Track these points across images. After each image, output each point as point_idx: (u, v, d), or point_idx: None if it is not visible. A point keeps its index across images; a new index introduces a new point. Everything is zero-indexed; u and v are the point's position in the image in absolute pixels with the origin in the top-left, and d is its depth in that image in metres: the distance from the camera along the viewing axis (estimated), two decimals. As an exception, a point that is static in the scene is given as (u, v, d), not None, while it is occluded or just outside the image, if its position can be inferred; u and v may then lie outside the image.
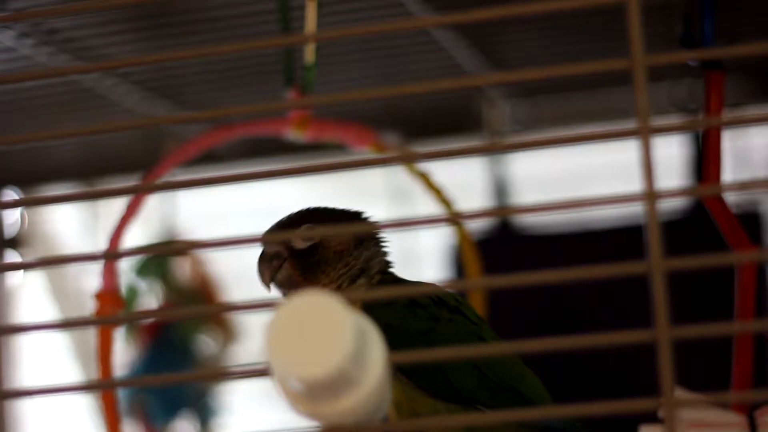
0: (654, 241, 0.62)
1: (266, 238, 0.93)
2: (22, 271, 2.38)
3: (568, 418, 0.89)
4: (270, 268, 0.93)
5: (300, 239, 0.93)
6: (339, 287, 0.93)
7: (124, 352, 2.05)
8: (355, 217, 0.96)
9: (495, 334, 0.94)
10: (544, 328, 1.88)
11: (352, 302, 0.62)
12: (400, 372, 0.87)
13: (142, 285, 2.09)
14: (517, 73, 1.24)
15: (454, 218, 1.15)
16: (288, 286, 0.93)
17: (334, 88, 1.77)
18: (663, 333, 0.61)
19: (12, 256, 2.25)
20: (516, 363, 0.92)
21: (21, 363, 2.28)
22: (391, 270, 0.97)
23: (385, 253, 0.97)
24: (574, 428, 0.89)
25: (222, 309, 0.94)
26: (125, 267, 2.02)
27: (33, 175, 2.22)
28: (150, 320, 2.11)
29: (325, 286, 0.92)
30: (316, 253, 0.93)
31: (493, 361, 0.89)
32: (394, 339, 0.65)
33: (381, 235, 0.97)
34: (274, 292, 0.94)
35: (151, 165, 1.24)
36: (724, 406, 0.82)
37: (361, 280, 0.94)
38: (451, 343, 0.89)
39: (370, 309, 0.69)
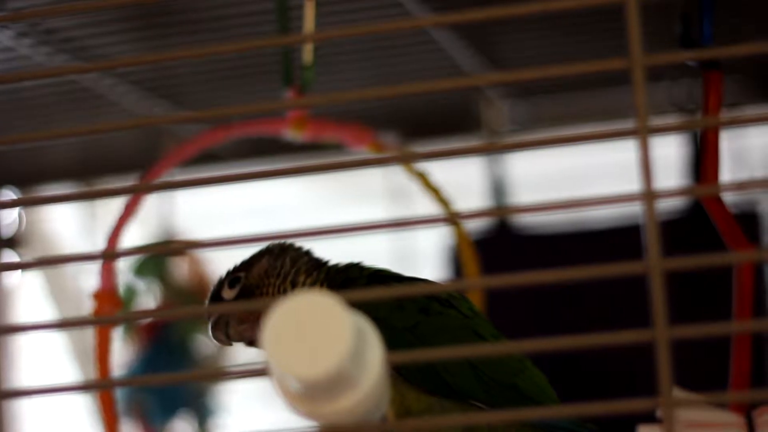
0: (652, 240, 0.62)
1: (209, 310, 0.95)
2: (20, 270, 2.37)
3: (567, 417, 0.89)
4: (220, 330, 0.93)
5: (228, 290, 0.94)
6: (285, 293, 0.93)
7: (122, 352, 2.05)
8: (277, 246, 0.96)
9: (492, 327, 0.92)
10: (542, 328, 1.88)
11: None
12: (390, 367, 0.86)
13: (140, 285, 2.09)
14: (516, 73, 1.24)
15: (453, 218, 1.14)
16: (246, 334, 0.93)
17: (333, 88, 1.77)
18: (661, 333, 0.61)
19: (10, 256, 2.25)
20: (515, 357, 0.89)
21: (19, 363, 2.28)
22: (366, 265, 0.96)
23: (306, 252, 0.96)
24: (575, 426, 0.89)
25: (221, 309, 0.94)
26: (123, 267, 2.02)
27: (31, 174, 2.22)
28: (148, 320, 2.11)
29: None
30: (249, 292, 0.94)
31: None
32: (381, 333, 0.65)
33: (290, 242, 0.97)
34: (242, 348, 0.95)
35: (149, 165, 1.23)
36: (723, 406, 0.82)
37: (306, 279, 0.94)
38: (441, 337, 0.88)
39: (356, 303, 0.68)
